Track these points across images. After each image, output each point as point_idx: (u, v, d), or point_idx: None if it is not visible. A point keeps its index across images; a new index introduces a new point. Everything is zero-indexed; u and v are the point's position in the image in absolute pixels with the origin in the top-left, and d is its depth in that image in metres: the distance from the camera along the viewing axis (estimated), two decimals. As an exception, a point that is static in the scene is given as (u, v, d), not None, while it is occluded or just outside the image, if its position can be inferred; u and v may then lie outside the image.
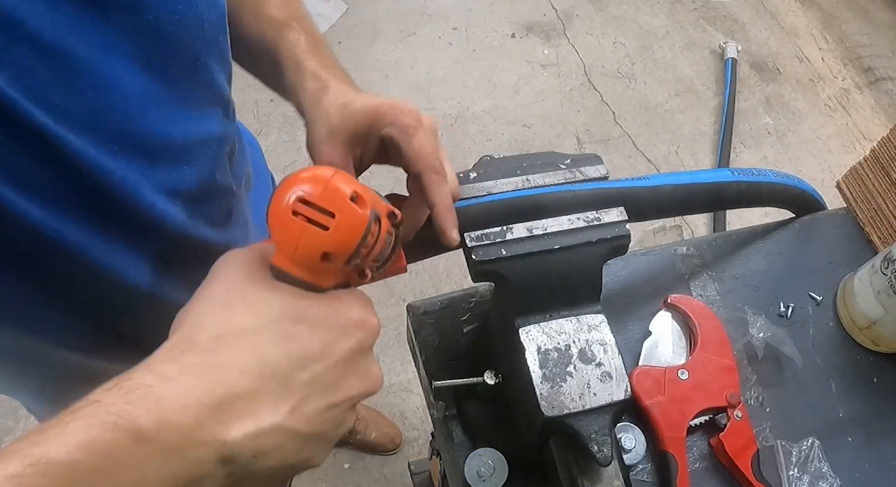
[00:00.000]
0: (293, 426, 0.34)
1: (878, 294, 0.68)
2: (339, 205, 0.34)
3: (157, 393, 0.30)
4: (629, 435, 0.63)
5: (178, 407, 0.30)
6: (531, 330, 0.52)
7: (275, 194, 0.34)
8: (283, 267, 0.35)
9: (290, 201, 0.34)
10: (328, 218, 0.34)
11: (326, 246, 0.34)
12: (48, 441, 0.27)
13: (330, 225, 0.34)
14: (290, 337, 0.34)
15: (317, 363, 0.35)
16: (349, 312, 0.37)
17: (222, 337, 0.33)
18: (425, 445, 1.64)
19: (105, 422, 0.28)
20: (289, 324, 0.35)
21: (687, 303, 0.70)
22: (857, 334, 0.72)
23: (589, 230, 0.53)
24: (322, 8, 2.41)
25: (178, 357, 0.32)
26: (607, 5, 2.51)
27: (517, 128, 2.18)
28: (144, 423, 0.29)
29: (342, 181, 0.35)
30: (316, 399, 0.35)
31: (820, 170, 2.15)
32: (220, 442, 0.31)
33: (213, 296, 0.35)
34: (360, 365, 0.38)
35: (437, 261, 1.84)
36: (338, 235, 0.34)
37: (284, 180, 0.35)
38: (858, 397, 0.70)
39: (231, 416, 0.31)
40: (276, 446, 0.33)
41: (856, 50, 2.47)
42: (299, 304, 0.35)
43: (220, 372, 0.32)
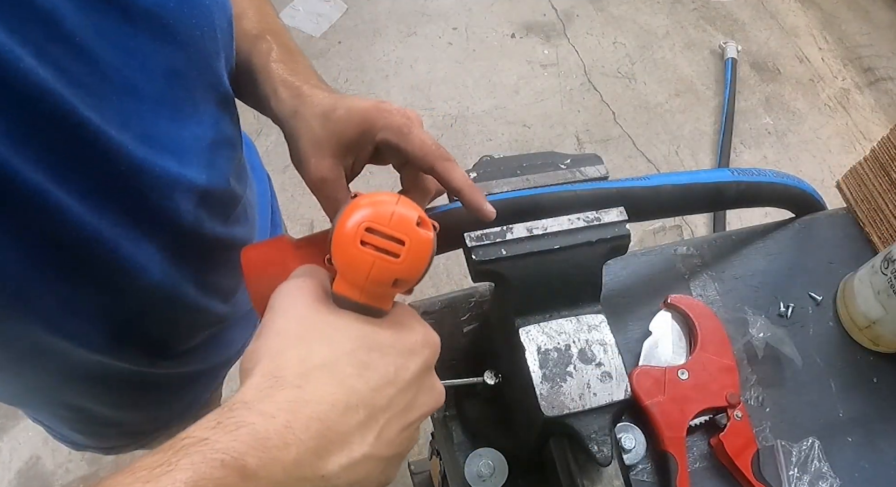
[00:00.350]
0: (379, 452, 0.34)
1: (878, 294, 0.68)
2: (408, 231, 0.34)
3: (261, 431, 0.30)
4: (629, 435, 0.63)
5: (281, 444, 0.31)
6: (531, 330, 0.52)
7: (338, 223, 0.34)
8: (349, 295, 0.35)
9: (357, 231, 0.33)
10: (398, 246, 0.34)
11: (398, 274, 0.34)
12: (158, 479, 0.28)
13: (400, 253, 0.34)
14: (366, 365, 0.35)
15: (392, 387, 0.35)
16: (414, 334, 0.38)
17: (306, 373, 0.33)
18: (425, 445, 1.64)
19: (213, 460, 0.29)
20: (364, 354, 0.35)
21: (687, 303, 0.70)
22: (857, 334, 0.72)
23: (589, 230, 0.53)
24: (322, 8, 2.41)
25: (270, 394, 0.32)
26: (607, 5, 2.51)
27: (517, 128, 2.18)
28: (251, 461, 0.29)
29: (406, 207, 0.34)
30: (395, 422, 0.36)
31: (820, 170, 2.15)
32: (319, 477, 0.32)
33: (286, 331, 0.35)
34: (427, 383, 0.39)
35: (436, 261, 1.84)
36: (408, 262, 0.34)
37: (347, 208, 0.34)
38: (858, 397, 0.70)
39: (327, 450, 0.32)
40: (367, 474, 0.34)
41: (856, 50, 2.47)
42: (369, 332, 0.36)
43: (312, 407, 0.32)
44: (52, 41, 0.36)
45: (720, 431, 0.64)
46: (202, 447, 0.29)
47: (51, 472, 1.55)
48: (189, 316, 0.59)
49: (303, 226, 1.89)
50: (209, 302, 0.60)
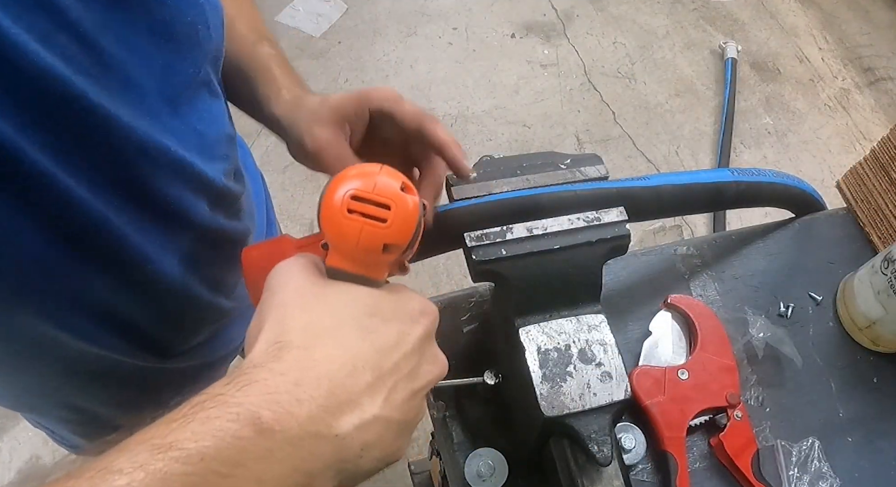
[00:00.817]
0: (389, 415, 0.35)
1: (878, 294, 0.68)
2: (393, 196, 0.34)
3: (272, 387, 0.31)
4: (629, 435, 0.63)
5: (294, 400, 0.31)
6: (531, 330, 0.52)
7: (325, 195, 0.35)
8: (342, 266, 0.36)
9: (343, 199, 0.34)
10: (384, 210, 0.34)
11: (386, 239, 0.35)
12: (175, 432, 0.28)
13: (387, 217, 0.34)
14: (370, 330, 0.35)
15: (396, 352, 0.36)
16: (412, 301, 0.39)
17: (311, 337, 0.34)
18: (425, 445, 1.64)
19: (229, 414, 0.29)
20: (366, 319, 0.36)
21: (687, 303, 0.70)
22: (857, 334, 0.72)
23: (589, 230, 0.53)
24: (322, 8, 2.41)
25: (278, 355, 0.33)
26: (607, 5, 2.51)
27: (517, 128, 2.18)
28: (265, 415, 0.30)
29: (390, 174, 0.35)
30: (402, 386, 0.36)
31: (820, 170, 2.15)
32: (333, 436, 0.32)
33: (286, 303, 0.35)
34: (430, 352, 0.39)
35: (437, 261, 1.84)
36: (396, 226, 0.34)
37: (332, 181, 0.35)
38: (858, 397, 0.70)
39: (339, 409, 0.32)
40: (378, 437, 0.34)
41: (856, 50, 2.47)
42: (369, 299, 0.36)
43: (321, 366, 0.33)
44: (58, 29, 0.36)
45: (720, 431, 0.64)
46: (219, 401, 0.29)
47: (51, 472, 1.55)
48: (195, 310, 0.60)
49: (302, 226, 1.89)
50: (215, 296, 0.60)
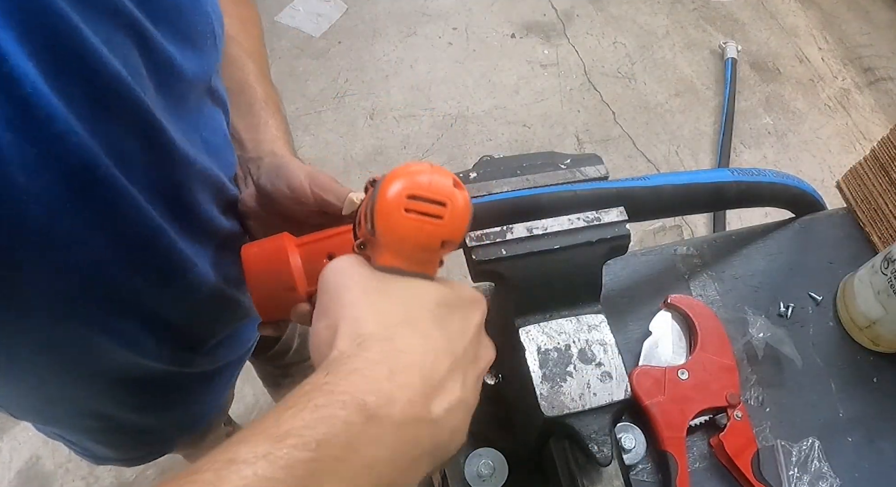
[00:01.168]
0: (468, 398, 0.36)
1: (878, 294, 0.67)
2: (447, 193, 0.35)
3: (372, 374, 0.31)
4: (629, 435, 0.63)
5: (394, 389, 0.31)
6: (531, 330, 0.52)
7: (379, 195, 0.35)
8: (396, 264, 0.36)
9: (400, 199, 0.34)
10: (440, 208, 0.35)
11: (444, 235, 0.35)
12: (289, 421, 0.29)
13: (444, 214, 0.35)
14: (441, 318, 0.36)
15: (464, 338, 0.37)
16: (465, 291, 0.40)
17: (390, 329, 0.34)
18: (425, 445, 1.64)
19: (337, 402, 0.30)
20: (435, 309, 0.36)
21: (687, 303, 0.70)
22: (857, 334, 0.72)
23: (589, 230, 0.53)
24: (322, 8, 2.41)
25: (366, 347, 0.33)
26: (607, 5, 2.51)
27: (517, 128, 2.18)
28: (371, 401, 0.30)
29: (440, 172, 0.36)
30: (472, 370, 0.37)
31: (820, 170, 2.15)
32: (430, 420, 0.32)
33: (355, 301, 0.36)
34: (484, 337, 0.41)
35: (437, 261, 1.84)
36: (452, 222, 0.35)
37: (384, 180, 0.35)
38: (858, 397, 0.70)
39: (432, 394, 0.33)
40: (462, 419, 0.35)
41: (856, 50, 2.47)
42: (433, 291, 0.37)
43: (407, 355, 0.33)
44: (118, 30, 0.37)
45: (720, 431, 0.64)
46: (323, 391, 0.30)
47: (51, 472, 1.55)
48: (225, 309, 0.61)
49: (303, 226, 1.88)
50: (240, 294, 0.61)
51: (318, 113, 2.18)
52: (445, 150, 2.12)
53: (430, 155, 2.10)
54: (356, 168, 2.06)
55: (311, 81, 2.24)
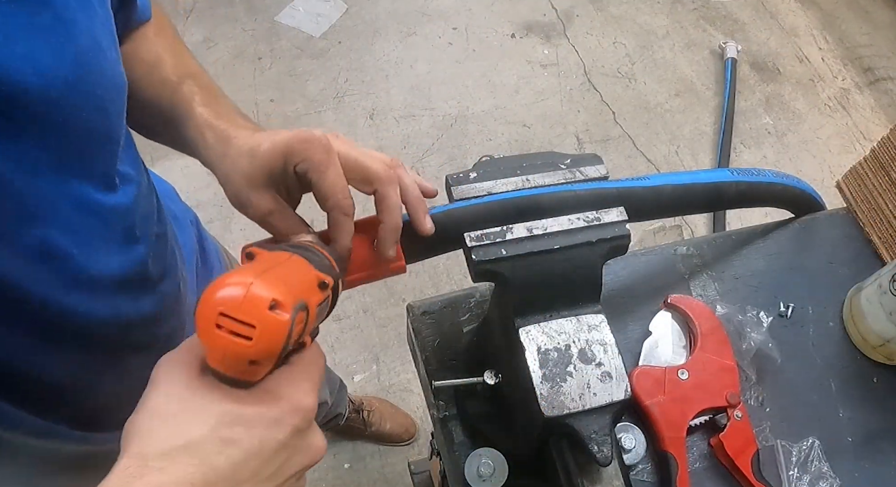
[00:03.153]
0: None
1: (891, 315, 0.67)
2: (259, 316, 0.35)
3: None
4: (629, 435, 0.63)
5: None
6: (531, 330, 0.52)
7: (199, 305, 0.35)
8: (217, 368, 0.37)
9: (212, 313, 0.35)
10: (250, 329, 0.35)
11: (251, 356, 0.35)
12: None
13: (252, 335, 0.35)
14: (229, 441, 0.36)
15: (256, 459, 0.37)
16: (282, 403, 0.39)
17: (170, 453, 0.35)
18: (425, 445, 1.64)
19: None
20: (227, 430, 0.36)
21: (687, 303, 0.70)
22: (871, 352, 0.72)
23: (589, 230, 0.53)
24: (322, 8, 2.41)
25: (132, 482, 0.33)
26: (607, 5, 2.51)
27: (517, 128, 2.18)
28: None
29: (262, 288, 0.35)
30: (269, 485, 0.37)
31: (820, 170, 2.15)
32: None
33: (157, 408, 0.36)
34: (301, 444, 0.39)
35: (437, 261, 1.84)
36: (260, 345, 0.35)
37: (208, 288, 0.36)
38: (858, 397, 0.70)
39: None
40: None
41: (856, 50, 2.47)
42: (234, 408, 0.37)
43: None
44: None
45: (720, 431, 0.64)
46: None
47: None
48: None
49: (303, 226, 1.88)
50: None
51: (318, 113, 2.18)
52: (445, 150, 2.12)
53: (430, 155, 2.10)
54: (356, 168, 2.06)
55: (311, 81, 2.24)
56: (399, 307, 1.80)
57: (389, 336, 1.76)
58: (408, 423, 1.64)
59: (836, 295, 0.76)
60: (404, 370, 1.73)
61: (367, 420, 1.56)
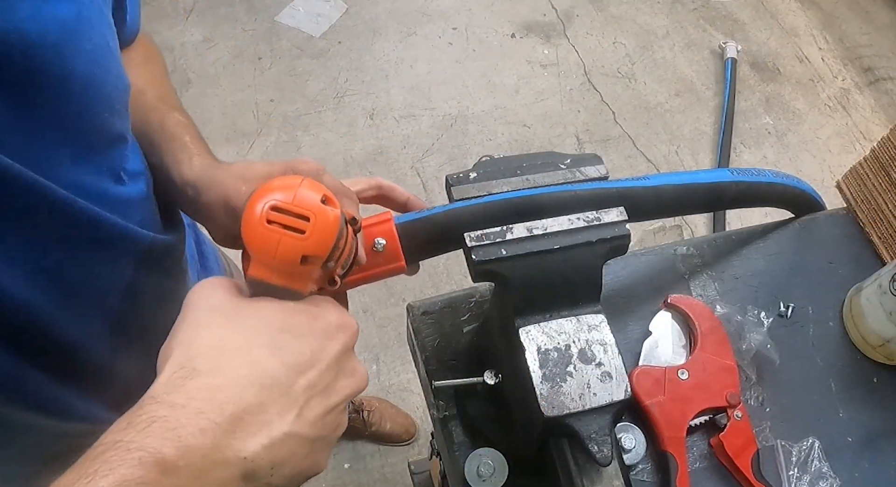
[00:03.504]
0: (301, 431, 0.34)
1: (891, 315, 0.67)
2: (313, 208, 0.35)
3: (172, 422, 0.31)
4: (629, 435, 0.63)
5: (196, 432, 0.31)
6: (531, 330, 0.52)
7: (247, 207, 0.35)
8: (262, 276, 0.36)
9: (263, 211, 0.34)
10: (303, 222, 0.35)
11: (305, 250, 0.35)
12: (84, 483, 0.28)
13: (306, 228, 0.34)
14: (280, 346, 0.35)
15: (310, 368, 0.36)
16: (329, 316, 0.38)
17: (218, 358, 0.34)
18: (425, 445, 1.64)
19: (130, 460, 0.29)
20: (277, 335, 0.35)
21: (687, 303, 0.70)
22: (871, 351, 0.72)
23: (589, 230, 0.53)
24: (322, 8, 2.41)
25: (181, 384, 0.32)
26: (607, 5, 2.51)
27: (517, 128, 2.18)
28: (168, 453, 0.29)
29: (311, 186, 0.36)
30: (316, 403, 0.35)
31: (820, 170, 2.15)
32: (240, 459, 0.32)
33: (198, 322, 0.35)
34: (348, 366, 0.39)
35: (437, 261, 1.84)
36: (315, 237, 0.35)
37: (254, 192, 0.36)
38: (858, 397, 0.70)
39: (245, 432, 0.32)
40: (289, 454, 0.34)
41: (856, 50, 2.47)
42: (281, 315, 0.36)
43: (225, 391, 0.33)
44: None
45: (720, 431, 0.64)
46: (117, 449, 0.29)
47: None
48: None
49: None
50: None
51: (318, 113, 2.18)
52: (445, 150, 2.12)
53: (430, 155, 2.10)
54: (356, 168, 2.06)
55: (311, 81, 2.24)
56: (399, 307, 1.80)
57: (389, 336, 1.76)
58: (408, 423, 1.64)
59: (836, 295, 0.76)
60: (404, 370, 1.73)
61: (368, 421, 1.56)
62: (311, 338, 0.36)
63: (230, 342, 0.34)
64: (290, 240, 0.34)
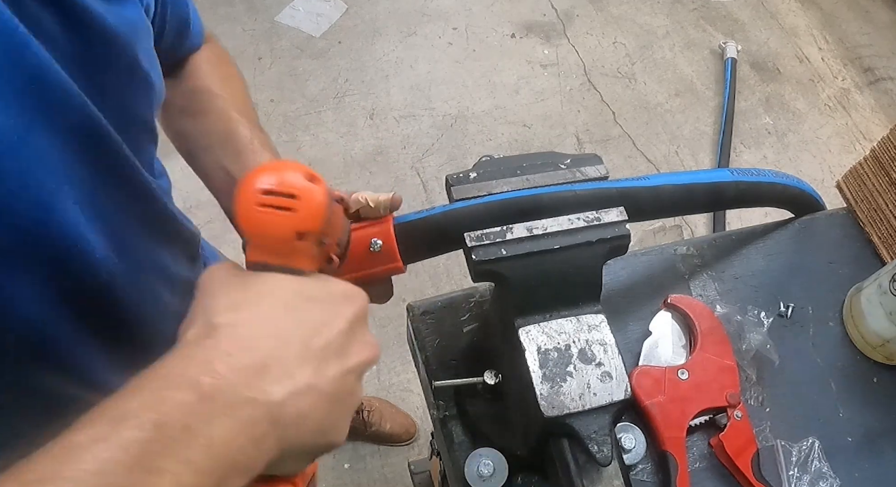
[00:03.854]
0: (322, 385, 0.35)
1: (891, 314, 0.67)
2: (298, 185, 0.37)
3: (209, 357, 0.33)
4: (629, 435, 0.63)
5: (227, 370, 0.32)
6: (531, 330, 0.52)
7: (238, 194, 0.37)
8: (262, 259, 0.38)
9: (254, 195, 0.37)
10: (292, 200, 0.37)
11: (297, 226, 0.37)
12: (126, 403, 0.30)
13: (295, 206, 0.37)
14: (296, 309, 0.37)
15: (325, 328, 0.37)
16: (337, 286, 0.40)
17: (237, 316, 0.35)
18: (425, 445, 1.64)
19: (172, 383, 0.31)
20: (292, 299, 0.37)
21: (687, 303, 0.70)
22: (870, 351, 0.72)
23: (589, 230, 0.53)
24: (322, 8, 2.41)
25: (209, 333, 0.34)
26: (607, 5, 2.51)
27: (517, 128, 2.18)
28: (205, 381, 0.31)
29: (294, 167, 0.38)
30: (333, 362, 0.37)
31: (820, 170, 2.15)
32: (269, 402, 0.33)
33: (212, 293, 0.37)
34: (360, 334, 0.40)
35: (437, 261, 1.84)
36: (304, 212, 0.37)
37: (242, 180, 0.38)
38: (858, 397, 0.70)
39: (271, 378, 0.33)
40: (312, 407, 0.35)
41: (856, 50, 2.47)
42: (293, 283, 0.38)
43: (249, 341, 0.34)
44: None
45: (720, 431, 0.64)
46: (159, 375, 0.31)
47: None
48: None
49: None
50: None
51: (318, 113, 2.18)
52: (445, 150, 2.12)
53: (430, 155, 2.10)
54: (356, 168, 2.06)
55: (311, 81, 2.24)
56: (399, 307, 1.80)
57: (389, 336, 1.76)
58: (408, 423, 1.64)
59: (836, 295, 0.76)
60: (404, 370, 1.73)
61: (368, 421, 1.56)
62: (322, 303, 0.38)
63: (245, 302, 0.36)
64: (282, 219, 0.36)
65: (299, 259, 0.38)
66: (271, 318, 0.36)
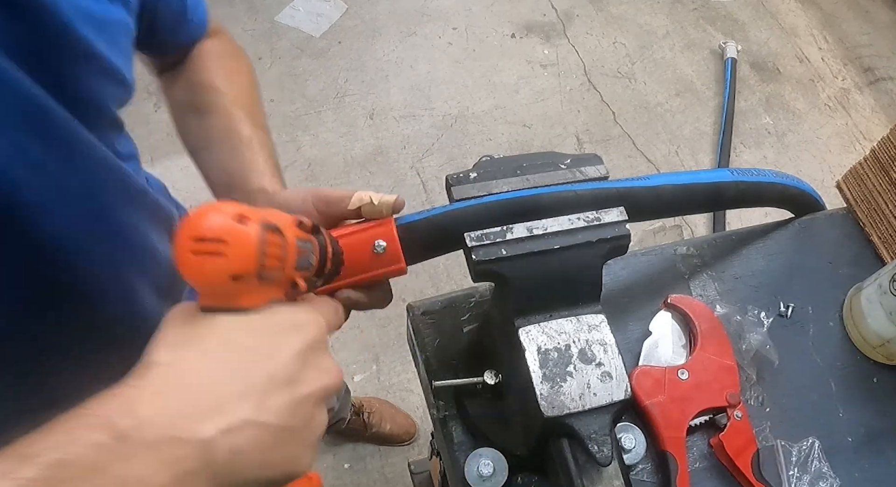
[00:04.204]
0: (263, 419, 0.35)
1: (891, 314, 0.67)
2: (227, 229, 0.36)
3: (129, 397, 0.32)
4: (629, 435, 0.63)
5: (151, 408, 0.32)
6: (531, 330, 0.52)
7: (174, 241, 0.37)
8: (208, 303, 0.38)
9: (186, 242, 0.36)
10: (220, 245, 0.36)
11: (229, 270, 0.36)
12: (39, 442, 0.29)
13: (223, 250, 0.36)
14: (236, 345, 0.37)
15: (269, 360, 0.37)
16: (285, 316, 0.39)
17: (176, 354, 0.35)
18: (425, 445, 1.64)
19: (88, 424, 0.30)
20: (232, 334, 0.37)
21: (687, 303, 0.70)
22: (871, 352, 0.72)
23: (589, 230, 0.53)
24: (322, 8, 2.41)
25: (141, 374, 0.34)
26: (607, 5, 2.51)
27: (517, 128, 2.18)
28: (121, 422, 0.31)
29: (223, 207, 0.37)
30: (279, 392, 0.36)
31: (820, 170, 2.15)
32: (196, 440, 0.32)
33: (164, 333, 0.37)
34: (314, 360, 0.39)
35: (437, 261, 1.84)
36: (234, 255, 0.36)
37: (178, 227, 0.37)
38: (858, 397, 0.70)
39: (202, 414, 0.33)
40: (252, 442, 0.34)
41: (856, 50, 2.47)
42: (235, 322, 0.38)
43: (182, 377, 0.34)
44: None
45: (720, 431, 0.64)
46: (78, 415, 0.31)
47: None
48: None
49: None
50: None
51: (318, 113, 2.18)
52: (445, 150, 2.12)
53: (430, 155, 2.10)
54: (356, 168, 2.06)
55: (311, 81, 2.24)
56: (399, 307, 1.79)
57: (389, 336, 1.76)
58: (408, 424, 1.64)
59: (836, 295, 0.76)
60: (404, 370, 1.73)
61: (368, 422, 1.56)
62: (265, 336, 0.38)
63: (186, 343, 0.36)
64: (213, 264, 0.36)
65: (242, 298, 0.38)
66: (210, 357, 0.35)
